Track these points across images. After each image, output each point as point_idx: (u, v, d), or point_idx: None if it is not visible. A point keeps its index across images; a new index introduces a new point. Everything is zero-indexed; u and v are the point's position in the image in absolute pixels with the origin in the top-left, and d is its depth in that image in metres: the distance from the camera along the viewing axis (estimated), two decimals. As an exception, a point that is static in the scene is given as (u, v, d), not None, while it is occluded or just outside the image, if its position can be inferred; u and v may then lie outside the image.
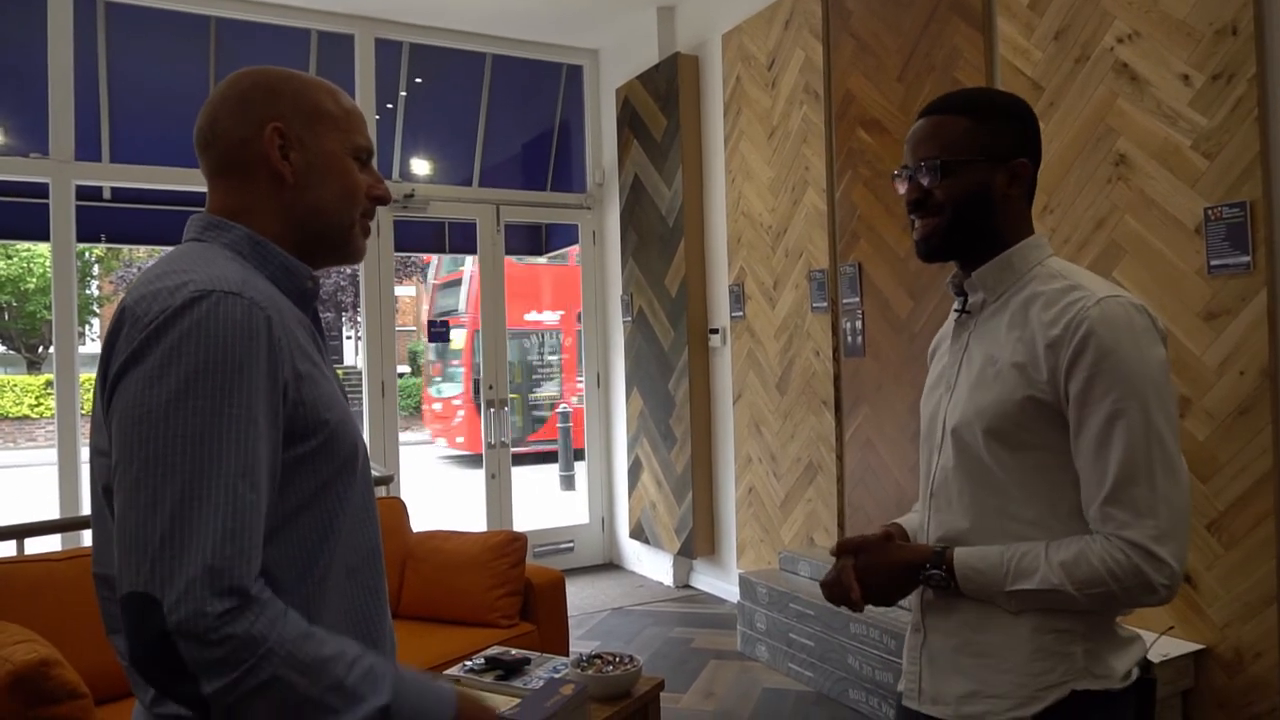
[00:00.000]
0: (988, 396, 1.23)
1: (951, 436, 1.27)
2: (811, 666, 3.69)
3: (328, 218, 1.08)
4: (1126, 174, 2.87)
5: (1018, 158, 1.28)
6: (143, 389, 0.87)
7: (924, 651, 1.32)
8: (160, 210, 6.56)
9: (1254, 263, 2.54)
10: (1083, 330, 1.15)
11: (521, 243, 7.96)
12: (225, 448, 0.86)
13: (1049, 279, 1.25)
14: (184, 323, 0.88)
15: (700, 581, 5.33)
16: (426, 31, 5.56)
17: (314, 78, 1.10)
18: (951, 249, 1.31)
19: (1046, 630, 1.20)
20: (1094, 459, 1.15)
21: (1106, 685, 1.20)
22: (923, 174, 1.28)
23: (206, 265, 0.94)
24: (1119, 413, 1.13)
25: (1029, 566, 1.18)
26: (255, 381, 0.89)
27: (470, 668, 2.37)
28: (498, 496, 5.74)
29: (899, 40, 3.76)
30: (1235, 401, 2.59)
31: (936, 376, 1.39)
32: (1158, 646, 2.68)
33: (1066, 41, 3.05)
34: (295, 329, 0.99)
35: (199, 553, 0.82)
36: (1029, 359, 1.20)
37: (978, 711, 1.23)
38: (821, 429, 4.22)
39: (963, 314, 1.34)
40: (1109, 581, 1.13)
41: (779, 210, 4.49)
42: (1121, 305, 1.17)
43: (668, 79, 5.23)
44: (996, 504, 1.23)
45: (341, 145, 1.08)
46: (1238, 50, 2.56)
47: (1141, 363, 1.15)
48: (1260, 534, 2.54)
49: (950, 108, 1.29)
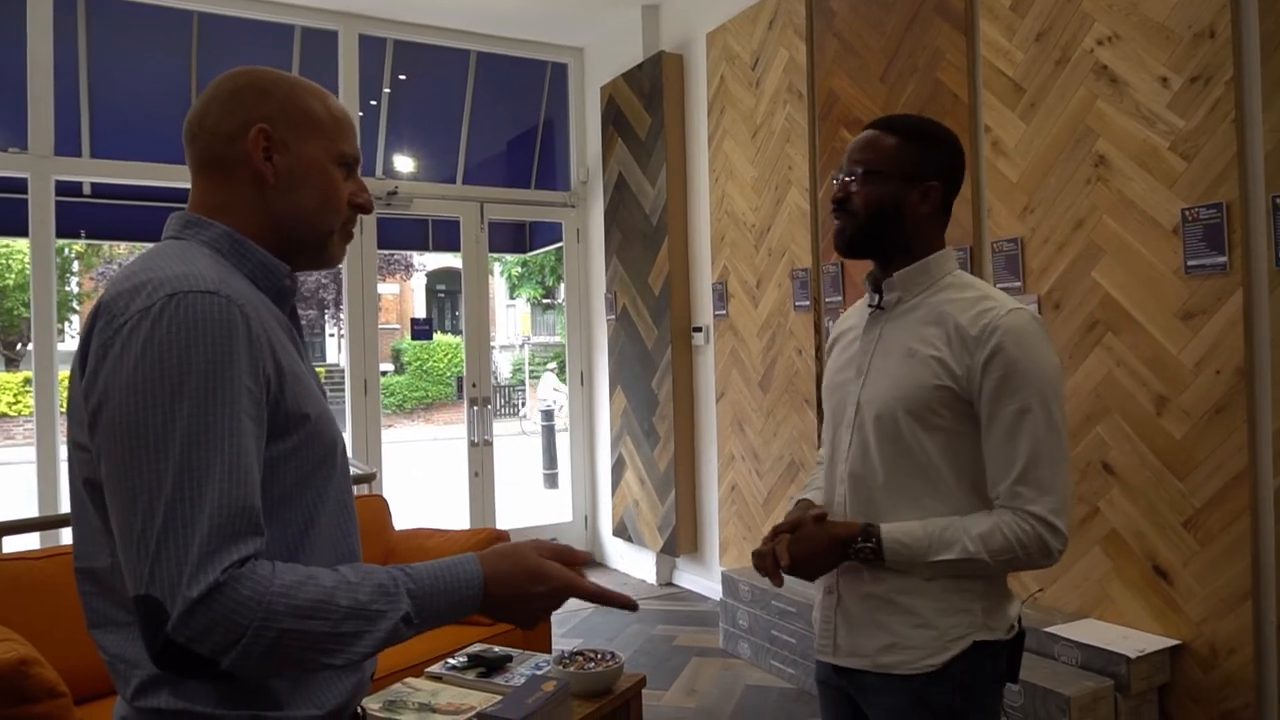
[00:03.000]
0: (908, 380, 1.40)
1: (874, 420, 1.43)
2: (794, 663, 3.70)
3: (307, 224, 1.08)
4: (1106, 175, 2.89)
5: (931, 180, 1.45)
6: (125, 389, 0.87)
7: (839, 611, 1.48)
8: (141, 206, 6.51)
9: (1230, 263, 2.57)
10: (996, 338, 1.34)
11: (505, 241, 7.95)
12: (215, 447, 0.86)
13: (962, 288, 1.44)
14: (162, 322, 0.88)
15: (683, 579, 5.34)
16: (411, 28, 5.54)
17: (307, 82, 1.11)
18: (864, 249, 1.49)
19: (954, 590, 1.38)
20: (1004, 446, 1.35)
21: (998, 636, 1.40)
22: (850, 176, 1.47)
23: (184, 263, 0.94)
24: (1026, 409, 1.33)
25: (950, 539, 1.35)
26: (238, 379, 0.90)
27: (453, 665, 2.37)
28: (481, 494, 5.73)
29: (882, 41, 3.78)
30: (1211, 400, 2.62)
31: (845, 362, 1.55)
32: (1135, 641, 2.71)
33: (1047, 43, 3.08)
34: (273, 326, 0.99)
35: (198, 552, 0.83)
36: (947, 353, 1.38)
37: (895, 661, 1.40)
38: (804, 427, 4.24)
39: (876, 309, 1.50)
40: (1016, 549, 1.33)
41: (762, 209, 4.50)
42: (1026, 317, 1.37)
43: (652, 77, 5.23)
44: (914, 477, 1.40)
45: (327, 152, 1.08)
46: (1215, 53, 2.59)
47: (1044, 367, 1.35)
48: (1235, 531, 2.57)
49: (887, 126, 1.48)
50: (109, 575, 0.96)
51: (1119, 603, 2.87)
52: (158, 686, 0.93)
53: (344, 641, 0.88)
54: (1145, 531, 2.79)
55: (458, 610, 0.95)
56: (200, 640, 0.83)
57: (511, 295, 22.72)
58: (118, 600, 0.96)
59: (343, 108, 1.13)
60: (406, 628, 0.91)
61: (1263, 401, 2.53)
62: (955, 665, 1.37)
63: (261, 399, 0.93)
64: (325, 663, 0.88)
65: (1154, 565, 2.77)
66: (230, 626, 0.83)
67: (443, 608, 0.94)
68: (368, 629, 0.89)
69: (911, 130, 1.47)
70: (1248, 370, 2.55)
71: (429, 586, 0.93)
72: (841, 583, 1.48)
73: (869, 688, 1.45)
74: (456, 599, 0.95)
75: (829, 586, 1.50)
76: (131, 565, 0.85)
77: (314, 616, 0.86)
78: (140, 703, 0.94)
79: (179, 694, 0.93)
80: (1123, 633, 2.79)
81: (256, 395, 0.92)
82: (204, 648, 0.83)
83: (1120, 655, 2.64)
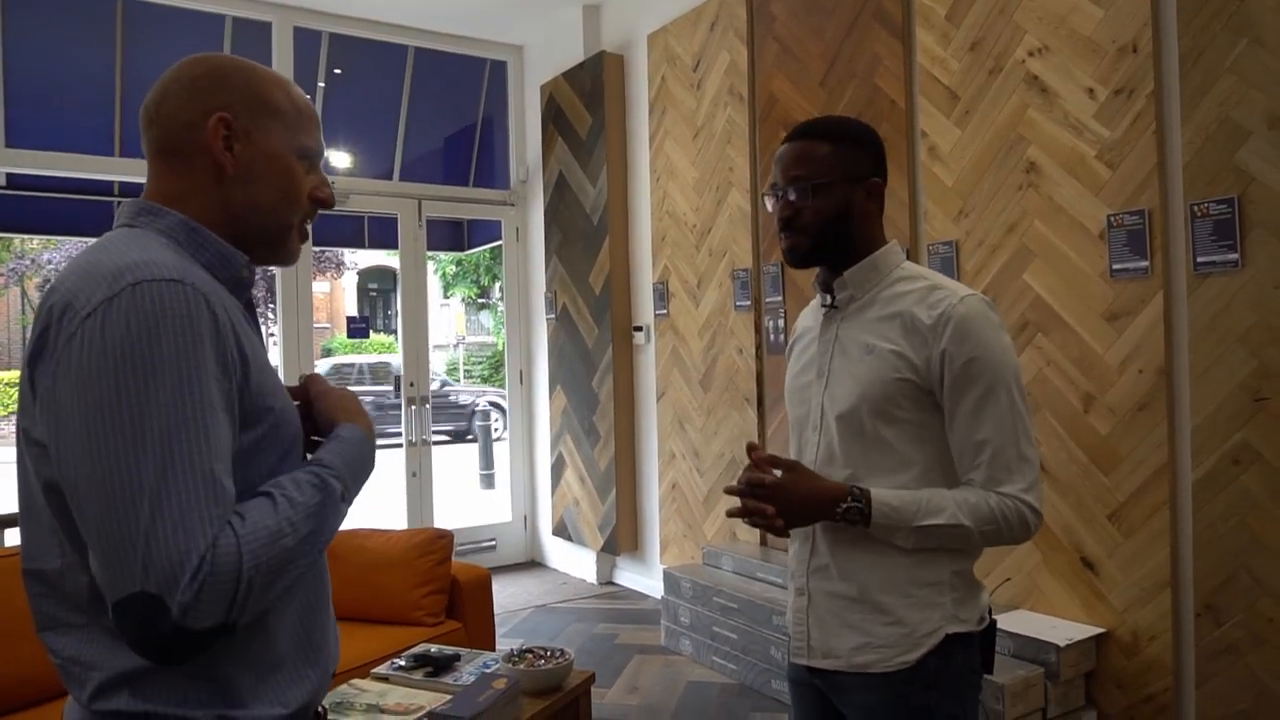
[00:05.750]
0: (869, 376, 1.41)
1: (837, 418, 1.44)
2: (734, 659, 3.75)
3: (264, 217, 1.06)
4: (1036, 181, 3.00)
5: (872, 177, 1.48)
6: (92, 384, 0.85)
7: (810, 613, 1.48)
8: (58, 199, 6.27)
9: (1152, 267, 2.70)
10: (952, 325, 1.37)
11: (443, 239, 7.87)
12: (192, 437, 0.85)
13: (912, 280, 1.46)
14: (127, 312, 0.86)
15: (623, 578, 5.36)
16: (347, 21, 5.45)
17: (270, 71, 1.08)
18: (816, 259, 1.50)
19: (922, 584, 1.40)
20: (970, 433, 1.37)
21: (969, 628, 1.42)
22: (793, 193, 1.46)
23: (143, 251, 0.92)
24: (988, 394, 1.36)
25: (938, 505, 1.36)
26: (206, 368, 0.88)
27: (400, 665, 2.35)
28: (419, 494, 5.66)
29: (822, 46, 3.86)
30: (1135, 399, 2.74)
31: (805, 363, 1.56)
32: (1063, 630, 2.82)
33: (981, 53, 3.18)
34: (236, 315, 0.98)
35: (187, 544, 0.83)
36: (905, 346, 1.40)
37: (870, 660, 1.41)
38: (744, 425, 4.30)
39: (830, 309, 1.52)
40: (1000, 521, 1.36)
41: (703, 210, 4.55)
42: (980, 302, 1.40)
43: (593, 77, 5.24)
44: (881, 470, 1.41)
45: (288, 144, 1.06)
46: (1138, 67, 2.71)
47: (1002, 351, 1.38)
48: (1156, 523, 2.69)
49: (812, 133, 1.48)
50: (59, 577, 0.93)
51: (1049, 594, 2.98)
52: (117, 688, 0.91)
53: (310, 541, 0.94)
54: (1073, 525, 2.90)
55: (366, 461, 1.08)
56: (207, 615, 0.84)
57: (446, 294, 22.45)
58: (70, 602, 0.93)
59: (305, 98, 1.10)
60: (345, 504, 1.01)
61: (1181, 399, 2.66)
62: (929, 660, 1.38)
63: (230, 388, 0.91)
64: (300, 564, 0.94)
65: (1081, 557, 2.88)
66: (228, 591, 0.85)
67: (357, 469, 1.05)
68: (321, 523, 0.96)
69: (838, 133, 1.47)
70: (1168, 369, 2.67)
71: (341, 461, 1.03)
72: (812, 583, 1.48)
73: (844, 687, 1.45)
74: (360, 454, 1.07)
75: (800, 588, 1.50)
76: (118, 566, 0.83)
77: (281, 538, 0.90)
78: (99, 705, 0.91)
79: (140, 695, 0.91)
80: (1052, 623, 2.90)
81: (224, 385, 0.90)
82: (212, 620, 0.85)
83: (1050, 644, 2.74)
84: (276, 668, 0.99)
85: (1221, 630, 2.55)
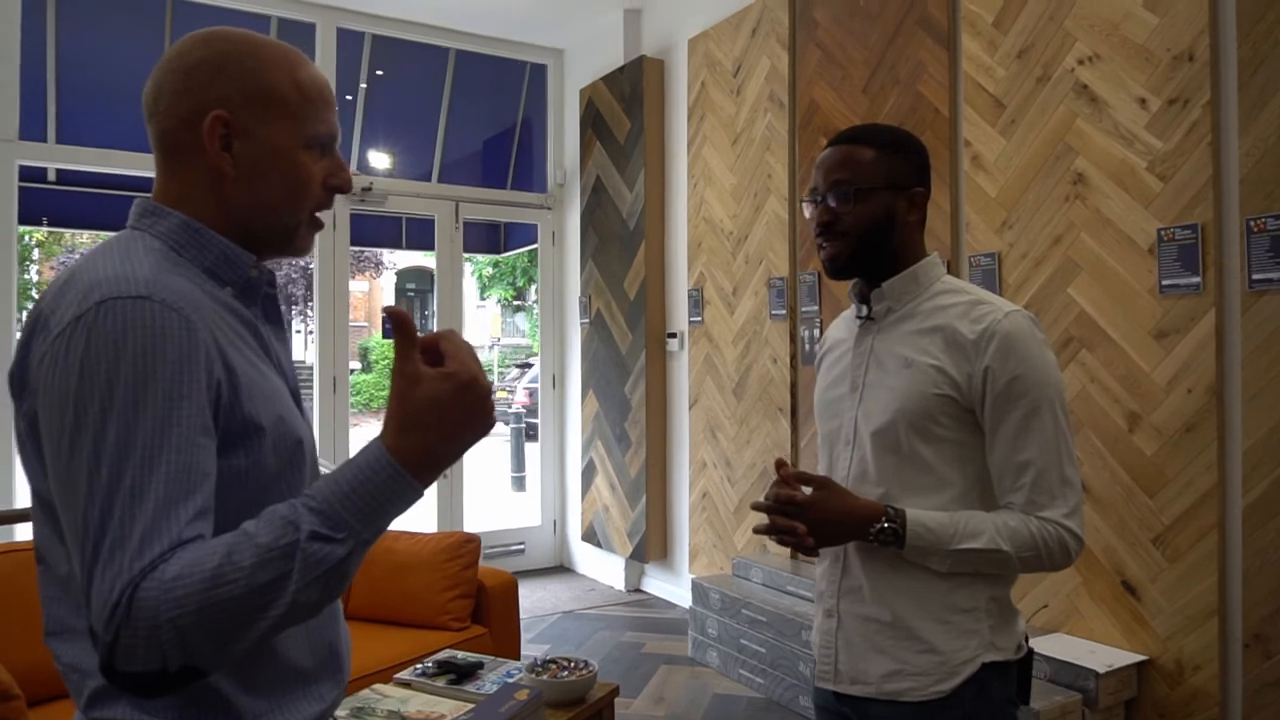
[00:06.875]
0: (907, 390, 1.36)
1: (872, 434, 1.39)
2: (762, 673, 3.69)
3: (271, 215, 0.99)
4: (1084, 193, 2.92)
5: (916, 187, 1.43)
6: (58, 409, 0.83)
7: (839, 635, 1.42)
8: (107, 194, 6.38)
9: (1204, 284, 2.61)
10: (996, 341, 1.32)
11: (480, 240, 7.90)
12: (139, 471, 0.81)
13: (954, 293, 1.41)
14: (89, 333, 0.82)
15: (652, 586, 5.32)
16: (390, 23, 5.49)
17: (274, 50, 0.99)
18: (856, 269, 1.45)
19: (958, 610, 1.34)
20: (1012, 453, 1.32)
21: (1006, 656, 1.36)
22: (833, 198, 1.41)
23: (122, 262, 0.88)
24: (1031, 413, 1.31)
25: (976, 528, 1.31)
26: (172, 390, 0.83)
27: (422, 671, 2.33)
28: (449, 497, 5.67)
29: (865, 53, 3.80)
30: (1183, 419, 2.65)
31: (837, 376, 1.50)
32: (1103, 656, 2.73)
33: (1029, 61, 3.10)
34: (223, 327, 0.92)
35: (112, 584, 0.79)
36: (946, 361, 1.35)
37: (902, 688, 1.35)
38: (777, 435, 4.24)
39: (866, 320, 1.46)
40: (1040, 548, 1.30)
41: (740, 217, 4.50)
42: (1025, 318, 1.35)
43: (632, 81, 5.22)
44: (916, 489, 1.36)
45: (294, 136, 0.97)
46: (1194, 76, 2.63)
47: (1046, 369, 1.33)
48: (1203, 548, 2.60)
49: (857, 139, 1.43)
50: (69, 581, 0.92)
51: (1088, 617, 2.89)
52: (114, 697, 0.88)
53: (270, 590, 0.79)
54: (1115, 547, 2.81)
55: (381, 495, 0.84)
56: (134, 660, 0.77)
57: (482, 296, 22.60)
58: (79, 608, 0.91)
59: (315, 77, 1.01)
60: (326, 545, 0.81)
61: (1233, 420, 2.56)
62: (965, 690, 1.33)
63: (205, 406, 0.86)
64: (268, 615, 0.79)
65: (1123, 581, 2.79)
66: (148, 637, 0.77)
67: (360, 504, 0.83)
68: (287, 568, 0.79)
69: (884, 139, 1.43)
70: (1219, 389, 2.58)
71: (329, 492, 0.83)
72: (842, 605, 1.42)
73: (874, 716, 1.39)
74: (371, 486, 0.83)
75: (829, 610, 1.45)
76: (85, 596, 0.80)
77: (219, 584, 0.77)
78: (95, 714, 0.89)
79: (137, 705, 0.88)
80: (1091, 647, 2.81)
81: (196, 405, 0.85)
82: (145, 665, 0.78)
83: (1089, 670, 2.66)
84: (281, 681, 0.96)
85: (1272, 662, 2.45)
